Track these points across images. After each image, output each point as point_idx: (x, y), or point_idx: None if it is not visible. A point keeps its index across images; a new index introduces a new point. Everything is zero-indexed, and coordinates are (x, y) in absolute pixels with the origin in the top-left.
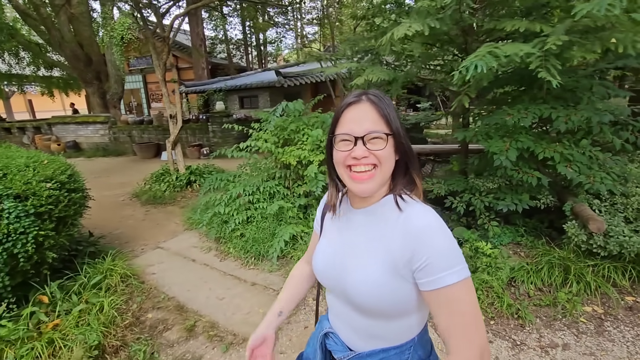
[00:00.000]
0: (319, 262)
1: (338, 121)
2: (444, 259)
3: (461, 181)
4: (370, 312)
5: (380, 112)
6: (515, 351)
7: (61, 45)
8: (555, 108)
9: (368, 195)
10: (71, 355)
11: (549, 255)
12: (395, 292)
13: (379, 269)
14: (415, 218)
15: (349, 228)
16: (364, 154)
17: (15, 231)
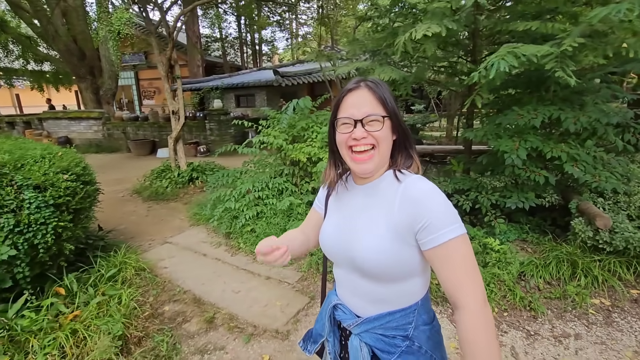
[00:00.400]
0: (326, 237)
1: (339, 106)
2: (442, 218)
3: (467, 180)
4: (377, 277)
5: (377, 97)
6: (530, 341)
7: (55, 39)
8: (563, 109)
9: (369, 174)
10: (95, 345)
11: (556, 250)
12: (399, 255)
13: (383, 235)
14: (412, 186)
15: (353, 203)
16: (363, 134)
17: (35, 221)
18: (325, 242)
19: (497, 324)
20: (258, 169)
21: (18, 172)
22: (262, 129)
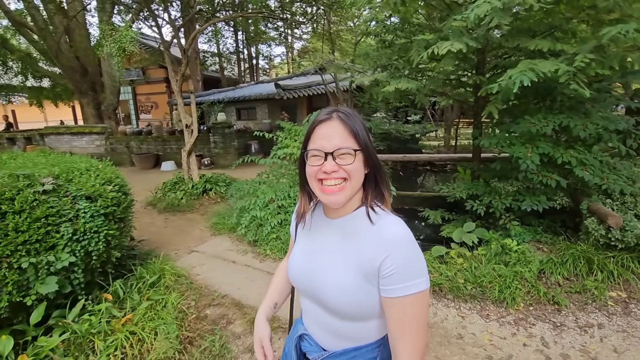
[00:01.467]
0: (293, 268)
1: (310, 137)
2: (407, 270)
3: (479, 185)
4: (342, 315)
5: (349, 129)
6: (557, 331)
7: (58, 56)
8: (571, 118)
9: (339, 206)
10: (153, 345)
11: (572, 249)
12: (365, 297)
13: (351, 276)
14: (387, 229)
15: (322, 236)
16: (333, 168)
17: (90, 230)
18: (292, 271)
19: (524, 317)
20: (272, 179)
21: (70, 183)
22: (280, 141)
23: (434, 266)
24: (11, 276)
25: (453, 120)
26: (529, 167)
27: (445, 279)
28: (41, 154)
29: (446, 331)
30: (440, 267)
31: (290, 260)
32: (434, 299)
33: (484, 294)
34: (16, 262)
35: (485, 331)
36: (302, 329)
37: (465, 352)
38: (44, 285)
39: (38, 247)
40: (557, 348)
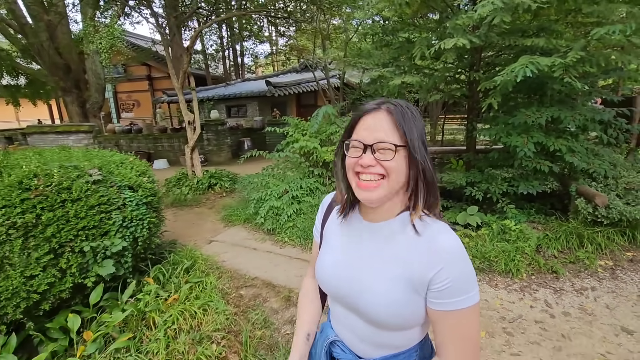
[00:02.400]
0: (326, 275)
1: (354, 128)
2: (463, 284)
3: (477, 173)
4: (384, 326)
5: (395, 123)
6: (558, 294)
7: (40, 53)
8: (561, 110)
9: (374, 204)
10: (204, 319)
11: (564, 226)
12: (411, 308)
13: (397, 288)
14: (438, 239)
15: (361, 241)
16: (370, 162)
17: (136, 217)
18: (325, 279)
19: (528, 285)
20: (280, 172)
21: (111, 175)
22: (289, 135)
23: None
24: (74, 259)
25: (437, 116)
26: (526, 154)
27: None
28: (63, 149)
29: None
30: None
31: (320, 266)
32: None
33: (491, 267)
34: (78, 246)
35: (496, 297)
36: (333, 335)
37: (482, 315)
38: (102, 268)
39: (95, 233)
40: (559, 308)
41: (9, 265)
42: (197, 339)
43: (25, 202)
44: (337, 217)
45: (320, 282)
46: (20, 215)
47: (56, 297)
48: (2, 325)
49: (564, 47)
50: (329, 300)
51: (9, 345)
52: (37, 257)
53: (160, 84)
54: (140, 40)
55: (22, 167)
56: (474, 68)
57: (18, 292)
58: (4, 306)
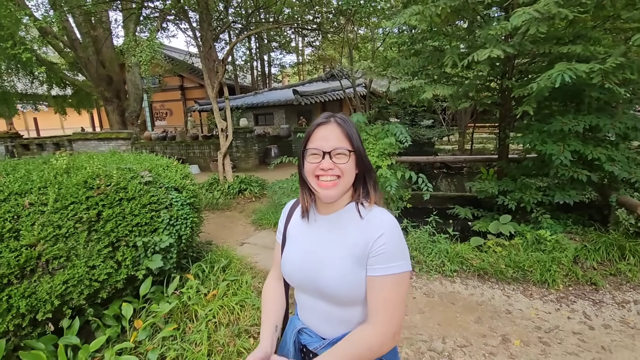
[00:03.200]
0: (291, 266)
1: (309, 138)
2: (395, 251)
3: (510, 182)
4: (341, 301)
5: (344, 132)
6: (597, 307)
7: (87, 66)
8: (600, 118)
9: (333, 200)
10: (241, 315)
11: (603, 237)
12: (361, 280)
13: (347, 263)
14: (377, 216)
15: (317, 231)
16: (329, 166)
17: (181, 216)
18: (290, 270)
19: (565, 296)
20: None
21: (159, 177)
22: None
23: (475, 254)
24: (128, 253)
25: (466, 124)
26: (562, 162)
27: (488, 265)
28: (113, 154)
29: (495, 308)
30: (481, 255)
31: (285, 259)
32: (479, 282)
33: (525, 277)
34: (132, 241)
35: (531, 307)
36: (300, 324)
37: (516, 324)
38: (152, 262)
39: (146, 229)
40: (598, 320)
41: (75, 255)
42: (236, 333)
43: (90, 200)
44: (299, 218)
45: (286, 274)
46: (86, 211)
47: (112, 286)
48: (68, 310)
49: (602, 54)
50: (295, 292)
51: (73, 327)
52: (98, 249)
53: (191, 93)
54: (175, 52)
55: (86, 168)
56: (506, 76)
57: (82, 280)
58: (70, 292)
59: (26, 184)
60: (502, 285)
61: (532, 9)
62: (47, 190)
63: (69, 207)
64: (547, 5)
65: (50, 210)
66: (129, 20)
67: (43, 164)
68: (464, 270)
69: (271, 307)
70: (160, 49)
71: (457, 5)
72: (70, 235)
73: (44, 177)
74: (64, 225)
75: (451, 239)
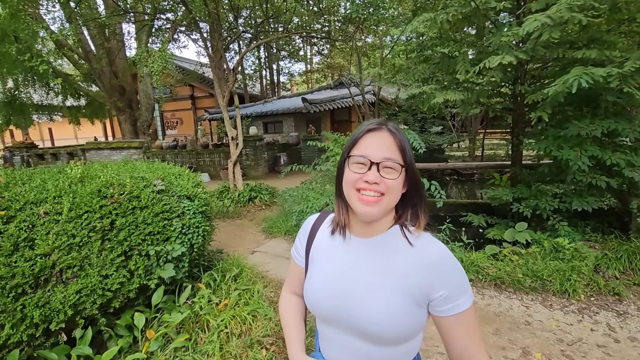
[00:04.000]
0: (317, 295)
1: (356, 144)
2: (460, 288)
3: (525, 189)
4: (385, 340)
5: (397, 143)
6: (622, 318)
7: (100, 77)
8: (618, 122)
9: (372, 219)
10: (253, 325)
11: (625, 245)
12: (411, 319)
13: (397, 298)
14: (431, 250)
15: (352, 256)
16: (375, 179)
17: (193, 225)
18: (315, 300)
19: (587, 307)
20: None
21: (172, 185)
22: (329, 149)
23: (491, 263)
24: (141, 262)
25: (477, 130)
26: (580, 168)
27: (505, 274)
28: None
29: (513, 319)
30: (497, 263)
31: (309, 288)
32: (496, 292)
33: (544, 287)
34: (144, 249)
35: (551, 318)
36: None
37: (536, 336)
38: (164, 271)
39: (159, 238)
40: (623, 332)
41: (88, 264)
42: (248, 343)
43: (103, 209)
44: (327, 237)
45: (310, 303)
46: (99, 220)
47: (124, 296)
48: (81, 320)
49: (619, 57)
50: (319, 324)
51: (85, 338)
52: (111, 259)
53: (202, 102)
54: (185, 62)
55: (99, 177)
56: (518, 81)
57: (95, 290)
58: (83, 301)
59: (41, 193)
60: (520, 295)
61: (544, 16)
62: (62, 200)
63: (83, 216)
64: (560, 11)
65: (64, 219)
66: (141, 32)
67: (58, 173)
68: (480, 279)
69: (294, 328)
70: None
71: (468, 12)
72: (84, 244)
73: (59, 187)
74: (78, 234)
75: (465, 247)
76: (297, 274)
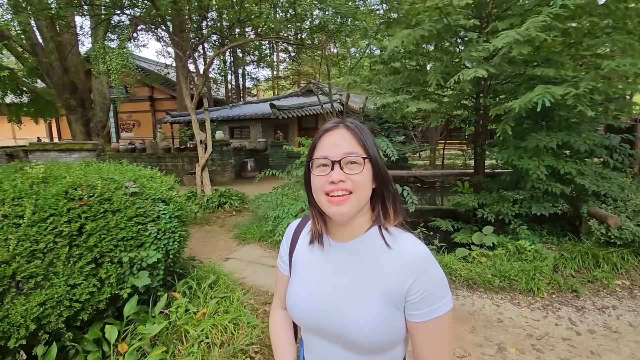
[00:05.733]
0: (300, 305)
1: (316, 147)
2: (437, 291)
3: (488, 195)
4: (369, 349)
5: (357, 138)
6: (581, 313)
7: (49, 72)
8: (570, 135)
9: (345, 219)
10: (235, 334)
11: (578, 247)
12: (393, 324)
13: (378, 304)
14: (408, 250)
15: (333, 263)
16: (340, 177)
17: (168, 230)
18: (299, 310)
19: (550, 303)
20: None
21: (144, 188)
22: (304, 155)
23: (462, 265)
24: (113, 269)
25: (437, 141)
26: (539, 176)
27: (476, 275)
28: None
29: (487, 317)
30: (467, 265)
31: (292, 297)
32: (468, 292)
33: (512, 286)
34: (117, 256)
35: (520, 315)
36: None
37: (509, 332)
38: (138, 279)
39: (132, 244)
40: (583, 326)
41: (53, 273)
42: (232, 353)
43: (71, 212)
44: (306, 245)
45: (293, 314)
46: (67, 224)
47: (93, 307)
48: (44, 335)
49: (571, 76)
50: (303, 334)
51: (49, 355)
52: (80, 266)
53: (162, 105)
54: (144, 62)
55: (65, 178)
56: (481, 95)
57: (62, 301)
58: (48, 314)
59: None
60: (491, 294)
61: (514, 32)
62: (23, 202)
63: (48, 219)
64: (529, 29)
65: (27, 222)
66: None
67: (14, 172)
68: (453, 280)
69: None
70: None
71: (441, 28)
72: (48, 250)
73: (18, 187)
74: (42, 240)
75: (438, 250)
76: (284, 285)
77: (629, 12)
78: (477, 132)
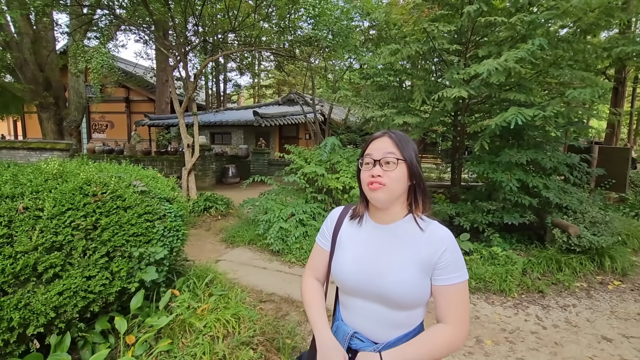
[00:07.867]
0: (347, 271)
1: (365, 150)
2: (458, 263)
3: (465, 205)
4: (404, 305)
5: (395, 143)
6: (546, 310)
7: (22, 67)
8: (538, 152)
9: (381, 204)
10: (237, 328)
11: (543, 253)
12: (422, 287)
13: (412, 270)
14: (439, 231)
15: (376, 240)
16: (378, 172)
17: (173, 228)
18: (345, 276)
19: (520, 302)
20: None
21: (151, 187)
22: (294, 162)
23: None
24: (123, 264)
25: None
26: (511, 188)
27: None
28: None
29: None
30: None
31: (339, 266)
32: None
33: (487, 287)
34: (127, 251)
35: (494, 313)
36: (350, 329)
37: (485, 327)
38: (146, 274)
39: (141, 240)
40: (548, 321)
41: (70, 265)
42: (235, 344)
43: (87, 207)
44: (354, 224)
45: (340, 279)
46: (83, 219)
47: (104, 299)
48: (61, 324)
49: (538, 101)
50: (342, 297)
51: (63, 344)
52: (95, 259)
53: (138, 107)
54: (122, 63)
55: (79, 174)
56: (459, 113)
57: (78, 292)
58: (65, 304)
59: (17, 187)
60: (469, 294)
61: (495, 62)
62: (41, 195)
63: (66, 213)
64: (507, 61)
65: (47, 215)
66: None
67: (27, 168)
68: None
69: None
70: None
71: (427, 49)
72: (67, 243)
73: (34, 182)
74: (61, 232)
75: None
76: (322, 257)
77: (588, 48)
78: (455, 147)
